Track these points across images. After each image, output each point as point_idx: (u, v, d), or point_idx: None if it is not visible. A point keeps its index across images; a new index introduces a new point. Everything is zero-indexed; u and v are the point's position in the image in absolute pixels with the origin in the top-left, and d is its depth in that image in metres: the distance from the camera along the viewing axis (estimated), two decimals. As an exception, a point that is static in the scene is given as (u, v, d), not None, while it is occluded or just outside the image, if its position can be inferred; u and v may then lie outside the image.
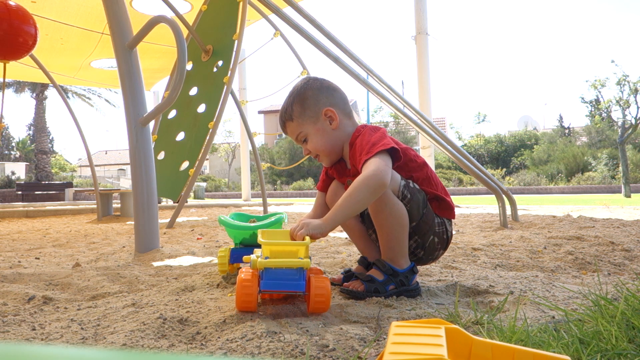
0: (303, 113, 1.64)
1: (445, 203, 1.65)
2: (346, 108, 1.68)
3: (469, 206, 7.76)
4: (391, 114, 32.73)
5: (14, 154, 37.38)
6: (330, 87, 1.69)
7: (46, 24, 6.71)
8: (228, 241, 3.28)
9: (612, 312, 1.11)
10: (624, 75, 14.53)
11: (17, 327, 1.29)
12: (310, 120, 1.64)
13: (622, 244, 2.51)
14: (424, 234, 1.60)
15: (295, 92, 1.67)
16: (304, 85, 1.68)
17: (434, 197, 1.63)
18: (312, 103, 1.64)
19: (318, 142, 1.65)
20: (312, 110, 1.64)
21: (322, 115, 1.63)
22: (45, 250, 3.02)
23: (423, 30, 8.14)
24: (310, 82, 1.69)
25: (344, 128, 1.65)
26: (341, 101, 1.68)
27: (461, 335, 0.62)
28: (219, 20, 5.42)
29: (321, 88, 1.67)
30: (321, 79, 1.71)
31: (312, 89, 1.66)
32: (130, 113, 2.63)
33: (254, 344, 1.06)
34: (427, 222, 1.59)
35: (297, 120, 1.66)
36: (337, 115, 1.64)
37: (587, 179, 21.85)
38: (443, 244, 1.65)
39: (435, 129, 4.50)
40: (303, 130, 1.66)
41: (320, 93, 1.65)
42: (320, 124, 1.64)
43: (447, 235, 1.65)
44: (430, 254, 1.65)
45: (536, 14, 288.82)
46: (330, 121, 1.64)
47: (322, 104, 1.64)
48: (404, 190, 1.55)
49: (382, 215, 1.53)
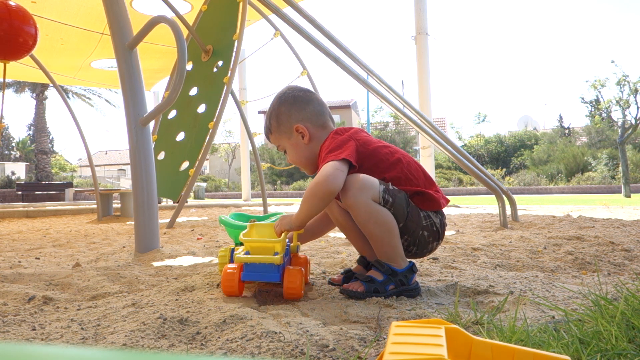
0: (278, 128, 1.75)
1: (426, 195, 1.62)
2: (319, 120, 1.73)
3: (469, 206, 7.76)
4: (391, 114, 32.74)
5: (14, 154, 37.39)
6: (303, 101, 1.73)
7: (46, 24, 6.72)
8: (228, 241, 3.28)
9: (612, 312, 1.11)
10: (624, 75, 14.53)
11: (17, 327, 1.29)
12: (285, 135, 1.74)
13: (622, 244, 2.51)
14: (413, 232, 1.59)
15: (272, 107, 1.77)
16: (279, 98, 1.75)
17: (414, 192, 1.62)
18: (284, 119, 1.73)
19: (294, 155, 1.76)
20: (285, 126, 1.73)
21: (294, 131, 1.71)
22: (45, 250, 3.02)
23: (423, 31, 8.14)
24: (285, 96, 1.75)
25: (318, 139, 1.72)
26: (313, 114, 1.72)
27: (461, 335, 0.63)
28: (219, 20, 5.42)
29: (294, 103, 1.72)
30: (296, 90, 1.76)
31: (285, 103, 1.73)
32: (131, 113, 2.63)
33: (254, 344, 1.06)
34: (414, 219, 1.58)
35: (274, 135, 1.77)
36: (307, 131, 1.70)
37: (587, 179, 21.85)
38: (434, 235, 1.63)
39: (435, 129, 4.50)
40: (281, 144, 1.77)
41: (291, 108, 1.72)
42: (294, 139, 1.73)
43: (436, 227, 1.63)
44: (424, 247, 1.64)
45: (536, 14, 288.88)
46: (302, 136, 1.71)
47: (294, 120, 1.71)
48: (384, 195, 1.54)
49: (369, 226, 1.55)
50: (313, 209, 1.55)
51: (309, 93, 1.77)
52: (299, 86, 1.81)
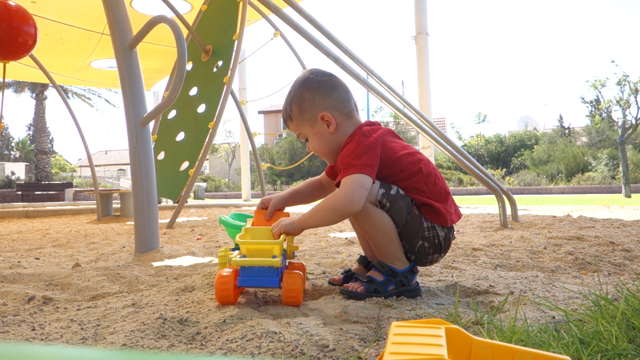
0: (301, 116, 1.63)
1: (434, 209, 1.57)
2: (345, 108, 1.63)
3: (469, 206, 7.76)
4: (391, 114, 32.71)
5: (14, 154, 37.38)
6: (329, 86, 1.62)
7: (46, 24, 6.72)
8: (228, 241, 3.28)
9: (613, 312, 1.11)
10: (624, 75, 14.53)
11: (17, 328, 1.29)
12: (308, 123, 1.63)
13: (623, 244, 2.51)
14: (411, 240, 1.55)
15: (293, 92, 1.65)
16: (302, 84, 1.64)
17: (422, 203, 1.57)
18: (308, 106, 1.61)
19: (317, 145, 1.66)
20: (309, 114, 1.62)
21: (319, 119, 1.61)
22: (45, 251, 3.02)
23: (423, 30, 8.14)
24: (308, 81, 1.63)
25: (343, 130, 1.62)
26: (339, 102, 1.62)
27: (461, 336, 0.62)
28: (219, 20, 5.42)
29: (319, 89, 1.61)
30: (320, 75, 1.65)
31: (309, 89, 1.62)
32: (130, 113, 2.63)
33: (254, 344, 1.06)
34: (413, 228, 1.54)
35: (295, 122, 1.66)
36: (334, 119, 1.60)
37: (587, 179, 21.84)
38: (436, 248, 1.58)
39: (435, 129, 4.50)
40: (302, 132, 1.66)
41: (316, 95, 1.61)
42: (317, 127, 1.62)
43: (439, 240, 1.58)
44: (423, 257, 1.59)
45: (536, 14, 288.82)
46: (328, 125, 1.61)
47: (319, 107, 1.60)
48: (381, 200, 1.52)
49: (366, 228, 1.55)
50: (325, 222, 1.52)
51: (334, 78, 1.66)
52: (322, 70, 1.69)
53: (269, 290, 1.64)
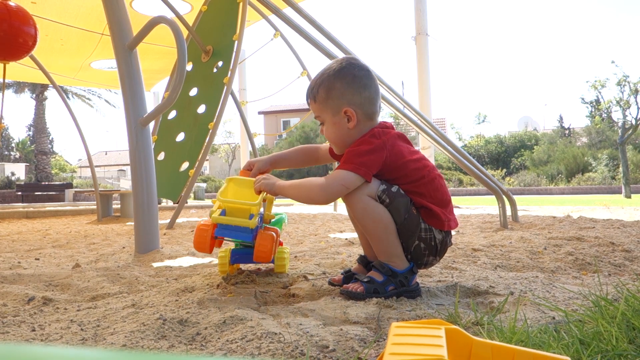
0: (326, 101, 1.63)
1: (433, 212, 1.57)
2: (369, 109, 1.63)
3: (469, 207, 7.76)
4: (391, 115, 32.69)
5: (14, 155, 37.38)
6: (362, 83, 1.61)
7: (46, 25, 6.71)
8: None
9: (613, 312, 1.11)
10: (624, 75, 14.56)
11: (17, 328, 1.29)
12: (331, 111, 1.63)
13: (623, 245, 2.51)
14: (407, 239, 1.56)
15: (326, 76, 1.63)
16: (338, 72, 1.63)
17: (421, 206, 1.58)
18: (336, 95, 1.61)
19: (331, 133, 1.67)
20: (335, 103, 1.62)
21: (342, 112, 1.61)
22: (45, 251, 3.02)
23: (423, 31, 8.15)
24: (344, 71, 1.62)
25: (361, 128, 1.63)
26: (367, 101, 1.62)
27: (461, 336, 0.62)
28: (219, 20, 5.42)
29: (352, 83, 1.61)
30: (358, 69, 1.64)
31: (343, 80, 1.61)
32: (130, 114, 2.63)
33: (254, 345, 1.06)
34: (410, 227, 1.55)
35: (319, 105, 1.66)
36: (356, 117, 1.61)
37: (588, 179, 21.84)
38: (431, 250, 1.58)
39: (435, 130, 4.51)
40: (322, 116, 1.67)
41: (348, 88, 1.60)
42: (338, 118, 1.63)
43: (435, 242, 1.58)
44: (419, 259, 1.59)
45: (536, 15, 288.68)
46: (349, 120, 1.61)
47: (346, 101, 1.60)
48: (381, 195, 1.53)
49: (367, 223, 1.55)
50: (297, 198, 1.61)
51: (370, 75, 1.65)
52: (361, 62, 1.67)
53: (268, 289, 1.65)
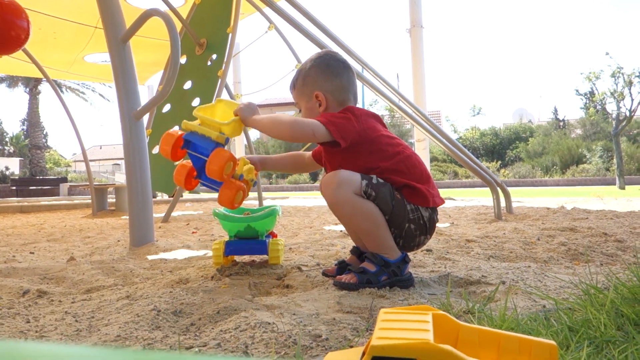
0: (302, 88, 1.77)
1: (417, 190, 1.60)
2: (341, 96, 1.73)
3: (464, 199, 7.78)
4: (386, 107, 32.67)
5: (8, 149, 37.15)
6: (334, 72, 1.73)
7: (39, 18, 6.66)
8: (223, 234, 3.29)
9: (602, 300, 1.12)
10: (619, 67, 14.56)
11: (12, 320, 1.29)
12: (305, 96, 1.76)
13: (615, 235, 2.53)
14: (399, 224, 1.58)
15: (305, 65, 1.77)
16: (314, 61, 1.76)
17: (403, 185, 1.60)
18: (310, 82, 1.74)
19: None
20: (308, 89, 1.74)
21: (314, 97, 1.73)
22: (39, 245, 3.02)
23: (418, 23, 8.13)
24: (319, 60, 1.76)
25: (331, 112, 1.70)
26: (338, 89, 1.72)
27: (448, 321, 0.63)
28: (212, 13, 5.40)
29: (325, 71, 1.73)
30: (332, 59, 1.76)
31: (317, 68, 1.74)
32: (124, 107, 2.62)
33: (247, 335, 1.07)
34: (399, 213, 1.57)
35: (297, 92, 1.79)
36: (326, 102, 1.72)
37: (582, 171, 21.91)
38: (421, 229, 1.61)
39: (430, 122, 4.51)
40: (299, 102, 1.79)
41: (320, 75, 1.73)
42: (311, 104, 1.75)
43: (423, 220, 1.60)
44: (411, 240, 1.62)
45: (531, 7, 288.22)
46: (320, 104, 1.72)
47: (317, 87, 1.72)
48: (367, 190, 1.55)
49: (355, 220, 1.57)
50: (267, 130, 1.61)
51: (343, 65, 1.76)
52: (337, 55, 1.80)
53: (262, 281, 1.66)
